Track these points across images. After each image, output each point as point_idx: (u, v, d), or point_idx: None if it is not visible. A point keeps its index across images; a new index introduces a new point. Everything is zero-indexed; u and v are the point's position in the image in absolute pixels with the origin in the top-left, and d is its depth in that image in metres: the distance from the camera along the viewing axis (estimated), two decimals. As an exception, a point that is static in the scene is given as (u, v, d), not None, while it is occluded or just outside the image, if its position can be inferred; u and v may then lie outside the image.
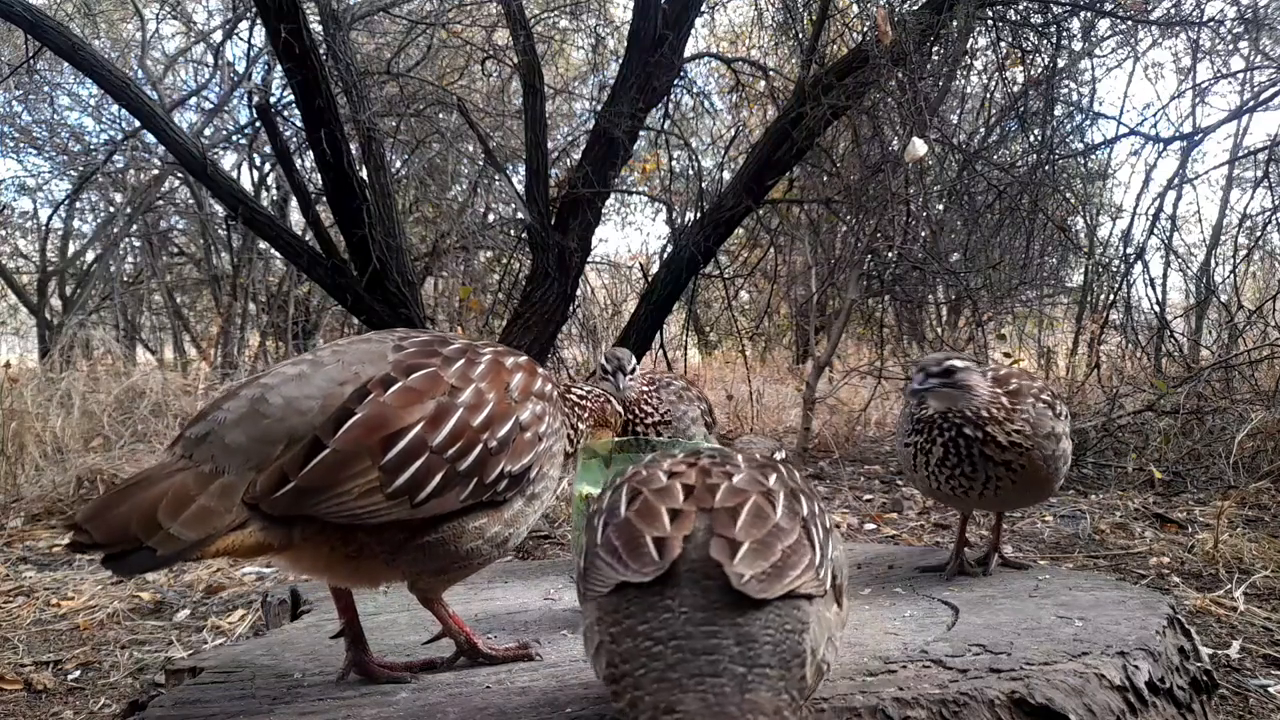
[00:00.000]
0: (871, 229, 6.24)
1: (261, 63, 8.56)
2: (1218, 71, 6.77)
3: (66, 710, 2.63)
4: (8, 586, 3.77)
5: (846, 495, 5.10)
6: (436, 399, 1.45)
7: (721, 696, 1.01)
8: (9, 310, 11.90)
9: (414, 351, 1.51)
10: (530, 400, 1.58)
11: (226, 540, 1.32)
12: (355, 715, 1.38)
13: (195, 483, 1.32)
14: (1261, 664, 2.65)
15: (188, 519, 1.29)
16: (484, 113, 7.40)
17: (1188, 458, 5.39)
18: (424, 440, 1.41)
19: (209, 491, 1.32)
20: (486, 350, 1.60)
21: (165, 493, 1.30)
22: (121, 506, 1.29)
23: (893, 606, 1.89)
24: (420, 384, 1.45)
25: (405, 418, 1.41)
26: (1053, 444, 2.10)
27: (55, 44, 5.17)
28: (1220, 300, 7.31)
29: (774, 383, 9.53)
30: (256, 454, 1.35)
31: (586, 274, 7.68)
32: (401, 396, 1.43)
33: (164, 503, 1.29)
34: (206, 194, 8.64)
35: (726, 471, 1.27)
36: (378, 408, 1.40)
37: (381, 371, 1.45)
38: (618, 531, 1.19)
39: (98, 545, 1.27)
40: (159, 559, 1.28)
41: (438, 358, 1.51)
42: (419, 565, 1.49)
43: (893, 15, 5.09)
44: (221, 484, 1.33)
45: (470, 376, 1.51)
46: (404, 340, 1.54)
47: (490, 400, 1.50)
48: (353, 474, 1.37)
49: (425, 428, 1.42)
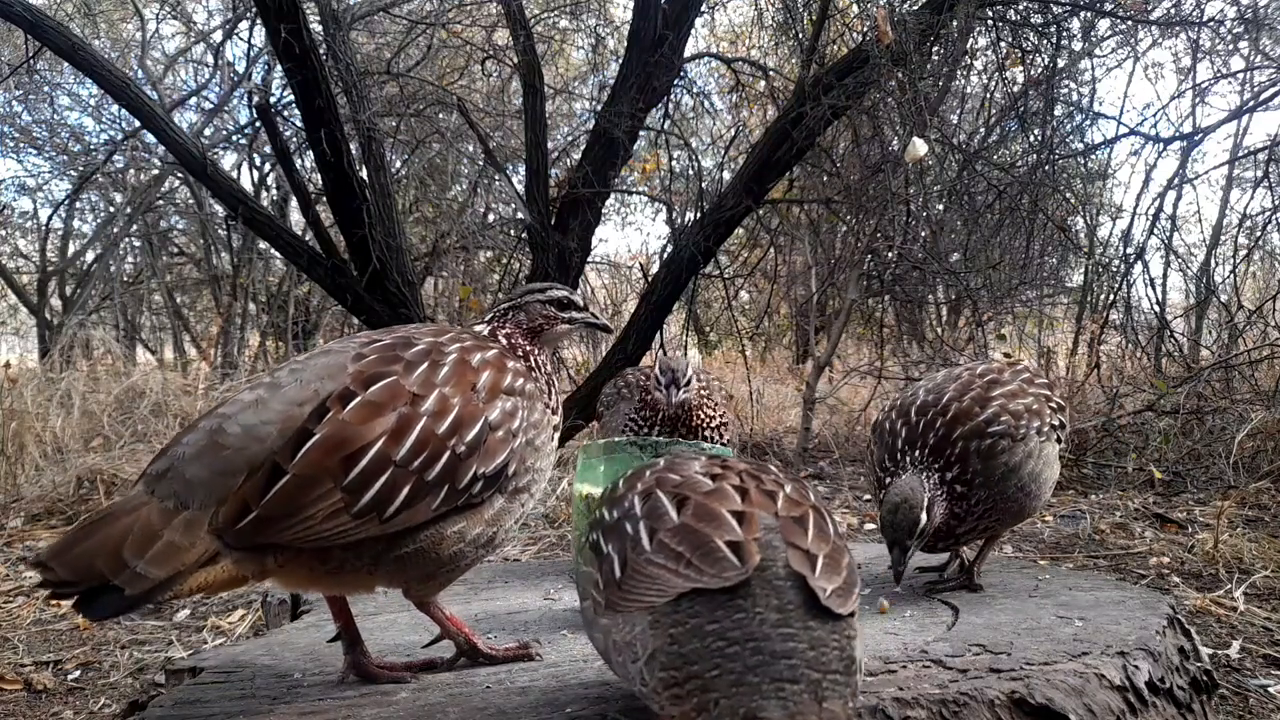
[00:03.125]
0: (871, 229, 6.24)
1: (261, 63, 8.57)
2: (1218, 71, 6.78)
3: (66, 710, 2.63)
4: (8, 586, 3.77)
5: (846, 495, 5.10)
6: (398, 410, 1.41)
7: (801, 703, 1.02)
8: (9, 310, 11.90)
9: (374, 360, 1.46)
10: (500, 398, 1.52)
11: (199, 577, 1.30)
12: (355, 715, 1.38)
13: (159, 518, 1.29)
14: (1261, 664, 2.65)
15: (154, 556, 1.26)
16: (484, 113, 7.40)
17: (1188, 458, 5.40)
18: (387, 456, 1.38)
19: (173, 526, 1.29)
20: (452, 348, 1.54)
21: (130, 529, 1.27)
22: (86, 543, 1.27)
23: (893, 606, 1.89)
24: (380, 396, 1.41)
25: (365, 434, 1.37)
26: (1031, 464, 2.00)
27: (55, 44, 5.17)
28: (1220, 300, 7.31)
29: (774, 383, 9.54)
30: (218, 486, 1.33)
31: (586, 274, 7.69)
32: (360, 412, 1.39)
33: (129, 540, 1.26)
34: (206, 194, 8.64)
35: (775, 480, 1.27)
36: (336, 427, 1.37)
37: (340, 386, 1.41)
38: (678, 537, 1.15)
39: (65, 583, 1.25)
40: (129, 599, 1.25)
41: (399, 364, 1.46)
42: (403, 574, 1.47)
43: (893, 15, 5.09)
44: (185, 519, 1.30)
45: (434, 382, 1.46)
46: (365, 347, 1.49)
47: (455, 404, 1.46)
48: (315, 497, 1.34)
49: (387, 443, 1.38)
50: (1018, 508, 2.03)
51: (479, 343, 1.61)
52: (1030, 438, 2.01)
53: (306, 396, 1.40)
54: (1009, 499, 1.99)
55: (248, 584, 1.38)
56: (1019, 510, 2.05)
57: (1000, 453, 1.96)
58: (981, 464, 1.95)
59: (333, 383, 1.42)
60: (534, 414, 1.59)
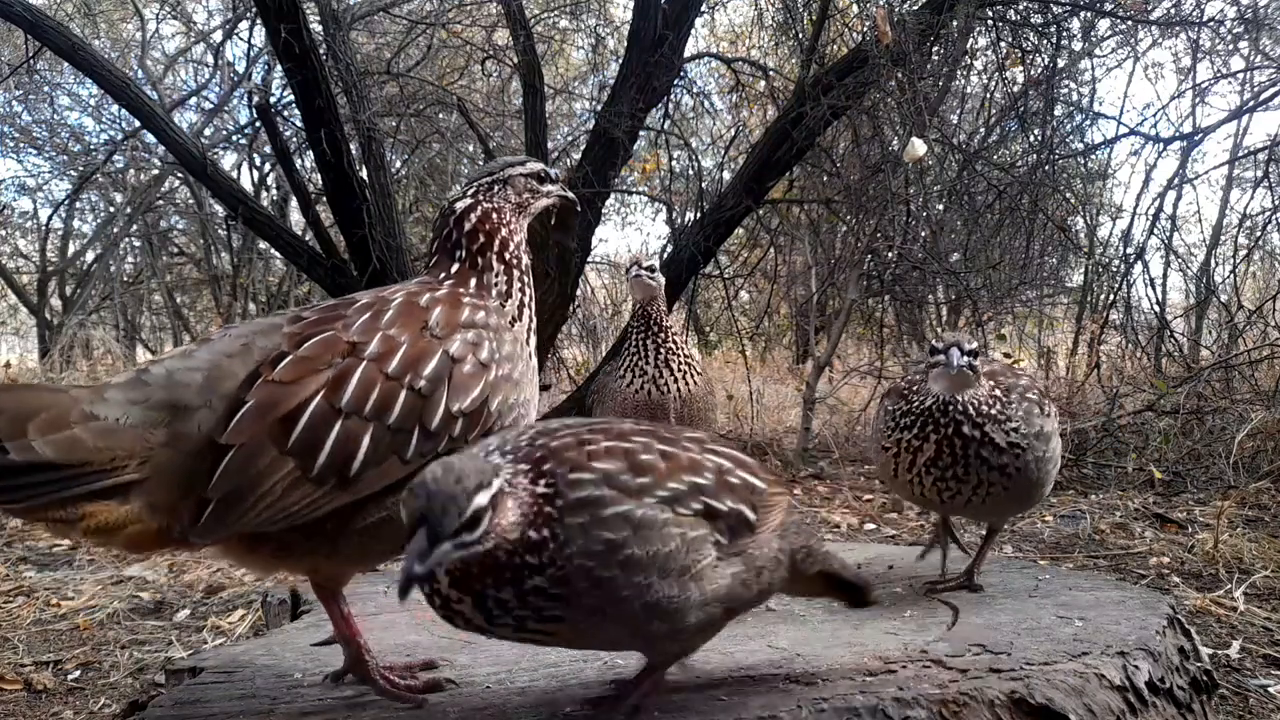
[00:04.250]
0: (871, 229, 6.24)
1: (261, 63, 8.57)
2: (1218, 71, 6.78)
3: (66, 710, 2.63)
4: (8, 586, 3.77)
5: (846, 495, 5.10)
6: (334, 363, 1.32)
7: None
8: (9, 310, 11.90)
9: (312, 320, 1.38)
10: (459, 331, 1.42)
11: (99, 508, 1.21)
12: (355, 715, 1.38)
13: (76, 413, 1.22)
14: (1261, 664, 2.65)
15: (56, 440, 1.19)
16: (484, 113, 7.40)
17: (1188, 458, 5.39)
18: (329, 407, 1.28)
19: (85, 426, 1.22)
20: (398, 294, 1.45)
21: (44, 406, 1.20)
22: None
23: (893, 606, 1.89)
24: (313, 351, 1.32)
25: (299, 391, 1.28)
26: (1043, 445, 1.96)
27: (55, 44, 5.17)
28: (1220, 300, 7.31)
29: (774, 383, 9.53)
30: (134, 412, 1.25)
31: (586, 274, 7.68)
32: (292, 369, 1.30)
33: (39, 415, 1.19)
34: (206, 194, 8.64)
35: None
36: (267, 389, 1.28)
37: (273, 345, 1.33)
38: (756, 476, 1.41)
39: None
40: (6, 469, 1.16)
41: (338, 321, 1.38)
42: (368, 552, 1.37)
43: (893, 15, 5.09)
44: (99, 425, 1.23)
45: (376, 327, 1.37)
46: (304, 310, 1.43)
47: (403, 342, 1.36)
48: (263, 469, 1.25)
49: (327, 394, 1.29)
50: (1033, 480, 2.01)
51: (427, 286, 1.52)
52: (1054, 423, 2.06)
53: (235, 350, 1.33)
54: (1035, 462, 1.99)
55: (161, 546, 1.28)
56: (1031, 486, 2.02)
57: (1044, 413, 2.02)
58: (1025, 413, 1.98)
59: (265, 339, 1.34)
60: (504, 346, 1.48)
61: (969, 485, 1.91)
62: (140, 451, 1.25)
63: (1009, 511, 2.10)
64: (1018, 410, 1.92)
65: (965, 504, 1.96)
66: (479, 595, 1.14)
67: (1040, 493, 2.04)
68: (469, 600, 1.15)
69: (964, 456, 1.89)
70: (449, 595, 1.15)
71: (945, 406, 1.89)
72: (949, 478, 1.91)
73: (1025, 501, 2.05)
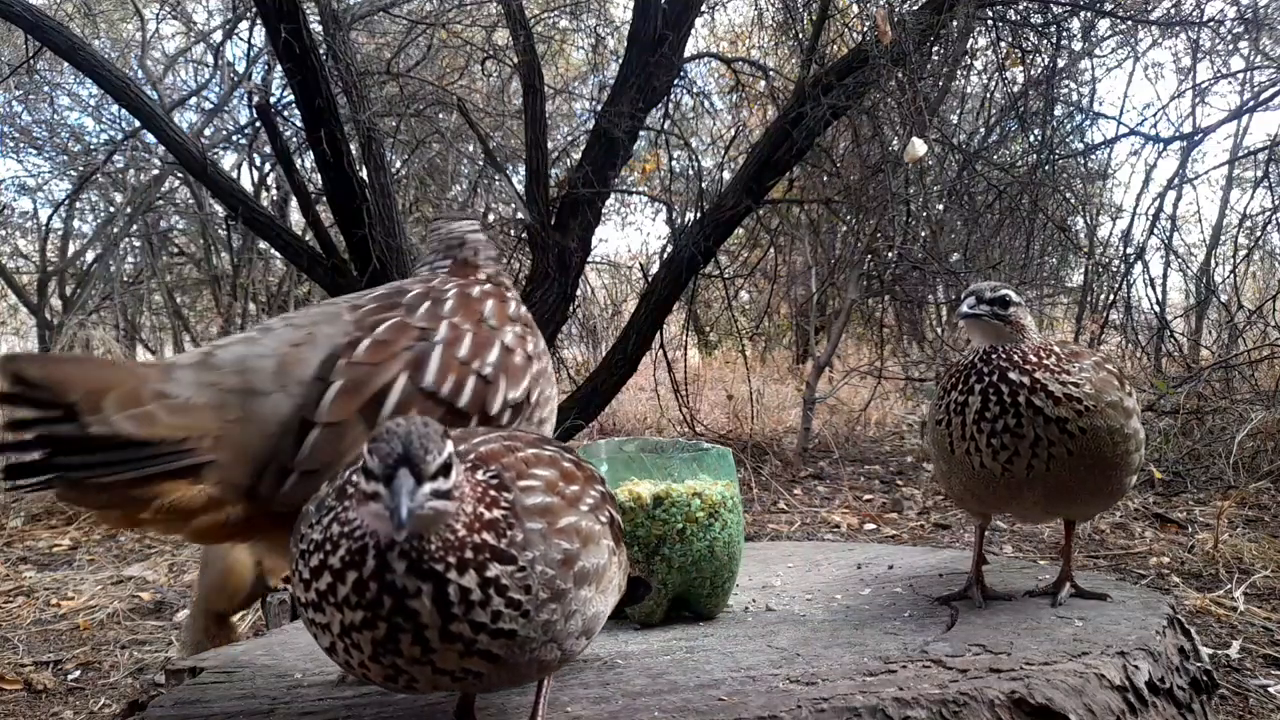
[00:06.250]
0: (871, 229, 6.24)
1: (261, 63, 8.56)
2: (1218, 71, 6.78)
3: (66, 710, 2.63)
4: (8, 586, 3.77)
5: (846, 495, 5.10)
6: (411, 345, 1.36)
7: None
8: (9, 310, 11.89)
9: (372, 307, 1.42)
10: (508, 324, 1.49)
11: (175, 487, 1.19)
12: (355, 715, 1.38)
13: (147, 392, 1.20)
14: (1261, 664, 2.65)
15: (134, 415, 1.16)
16: (484, 113, 7.40)
17: (1188, 458, 5.39)
18: (413, 386, 1.32)
19: (162, 403, 1.20)
20: (450, 286, 1.51)
21: (118, 381, 1.18)
22: (71, 366, 1.17)
23: (893, 606, 1.89)
24: (388, 335, 1.36)
25: (385, 372, 1.32)
26: (1121, 417, 1.72)
27: (55, 44, 5.17)
28: (1220, 300, 7.31)
29: (774, 383, 9.54)
30: (208, 391, 1.25)
31: (586, 274, 7.68)
32: (373, 352, 1.33)
33: (115, 390, 1.17)
34: (206, 194, 8.64)
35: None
36: (354, 370, 1.31)
37: (343, 332, 1.36)
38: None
39: (25, 393, 1.11)
40: (85, 438, 1.12)
41: (399, 309, 1.42)
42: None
43: (893, 15, 5.09)
44: (175, 403, 1.22)
45: (440, 314, 1.42)
46: (359, 300, 1.45)
47: (467, 330, 1.41)
48: (348, 445, 1.28)
49: (410, 375, 1.33)
50: (1109, 455, 1.79)
51: (473, 280, 1.56)
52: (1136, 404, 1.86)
53: (300, 338, 1.35)
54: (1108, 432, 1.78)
55: (224, 536, 1.27)
56: (1108, 461, 1.79)
57: (1124, 389, 1.83)
58: (1098, 379, 1.78)
59: (330, 327, 1.37)
60: (540, 342, 1.55)
61: (1026, 442, 1.67)
62: (213, 431, 1.25)
63: (1085, 490, 1.76)
64: (1081, 371, 1.73)
65: (1028, 473, 1.70)
66: (439, 581, 1.03)
67: (1119, 477, 1.78)
68: (428, 589, 1.03)
69: (1014, 404, 1.67)
70: (403, 587, 1.02)
71: (988, 355, 1.73)
72: (1001, 431, 1.68)
73: (1102, 479, 1.75)
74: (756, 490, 5.25)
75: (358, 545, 1.04)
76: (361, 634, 1.06)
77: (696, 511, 1.75)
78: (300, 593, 1.12)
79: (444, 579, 1.04)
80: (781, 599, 1.95)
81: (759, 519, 4.70)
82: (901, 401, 7.96)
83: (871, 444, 6.92)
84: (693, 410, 7.13)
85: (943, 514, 4.64)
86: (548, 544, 1.12)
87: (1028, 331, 1.76)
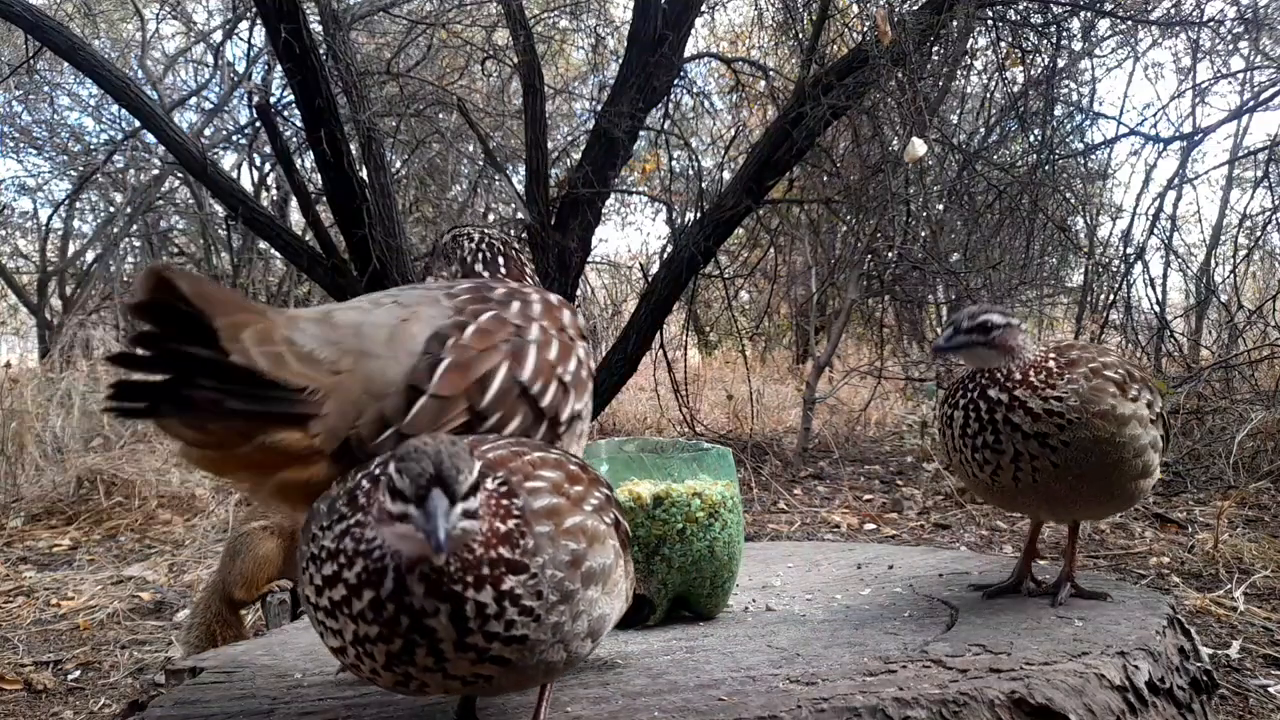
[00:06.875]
0: (871, 229, 6.24)
1: (261, 63, 8.57)
2: (1218, 71, 6.78)
3: (66, 710, 2.63)
4: (8, 586, 3.78)
5: (846, 495, 5.10)
6: (509, 339, 1.40)
7: None
8: (9, 310, 11.90)
9: (468, 298, 1.46)
10: (580, 338, 1.54)
11: (283, 433, 1.19)
12: (355, 715, 1.38)
13: (279, 335, 1.22)
14: (1261, 664, 2.65)
15: (268, 353, 1.17)
16: (484, 113, 7.40)
17: (1188, 458, 5.40)
18: (513, 379, 1.36)
19: (291, 349, 1.22)
20: (530, 290, 1.55)
21: (255, 318, 1.18)
22: (216, 290, 1.16)
23: (893, 606, 1.89)
24: (491, 325, 1.40)
25: (491, 358, 1.36)
26: (1113, 425, 1.74)
27: (55, 44, 5.18)
28: (1220, 300, 7.31)
29: (774, 383, 9.54)
30: (329, 347, 1.27)
31: (586, 274, 7.69)
32: (479, 339, 1.37)
33: (251, 325, 1.17)
34: (206, 194, 8.65)
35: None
36: (464, 352, 1.35)
37: (445, 315, 1.40)
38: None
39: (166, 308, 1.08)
40: (221, 365, 1.11)
41: (491, 302, 1.46)
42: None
43: (893, 15, 5.09)
44: (301, 351, 1.23)
45: (530, 315, 1.47)
46: (450, 289, 1.48)
47: (553, 336, 1.46)
48: (449, 419, 1.32)
49: (512, 366, 1.37)
50: (1099, 464, 1.83)
51: (543, 288, 1.61)
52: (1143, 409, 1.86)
53: (407, 315, 1.38)
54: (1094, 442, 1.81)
55: (301, 499, 1.26)
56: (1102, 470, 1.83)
57: (1126, 396, 1.84)
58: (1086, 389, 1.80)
59: (431, 309, 1.40)
60: (593, 357, 1.60)
61: (1006, 457, 1.74)
62: (329, 385, 1.26)
63: (1083, 499, 1.82)
64: (1069, 384, 1.75)
65: (1015, 484, 1.77)
66: (457, 600, 1.03)
67: (1121, 483, 1.80)
68: (446, 608, 1.03)
69: (991, 422, 1.74)
70: (421, 608, 1.02)
71: (975, 374, 1.80)
72: (981, 446, 1.76)
73: (1101, 487, 1.80)
74: (756, 490, 5.25)
75: (375, 566, 1.03)
76: (375, 646, 1.05)
77: (696, 511, 1.76)
78: (311, 595, 1.11)
79: (462, 598, 1.04)
80: (781, 599, 1.95)
81: (759, 519, 4.70)
82: (901, 401, 7.96)
83: (871, 444, 6.92)
84: (693, 410, 7.14)
85: (943, 514, 4.64)
86: (556, 546, 1.12)
87: (1019, 350, 1.78)
